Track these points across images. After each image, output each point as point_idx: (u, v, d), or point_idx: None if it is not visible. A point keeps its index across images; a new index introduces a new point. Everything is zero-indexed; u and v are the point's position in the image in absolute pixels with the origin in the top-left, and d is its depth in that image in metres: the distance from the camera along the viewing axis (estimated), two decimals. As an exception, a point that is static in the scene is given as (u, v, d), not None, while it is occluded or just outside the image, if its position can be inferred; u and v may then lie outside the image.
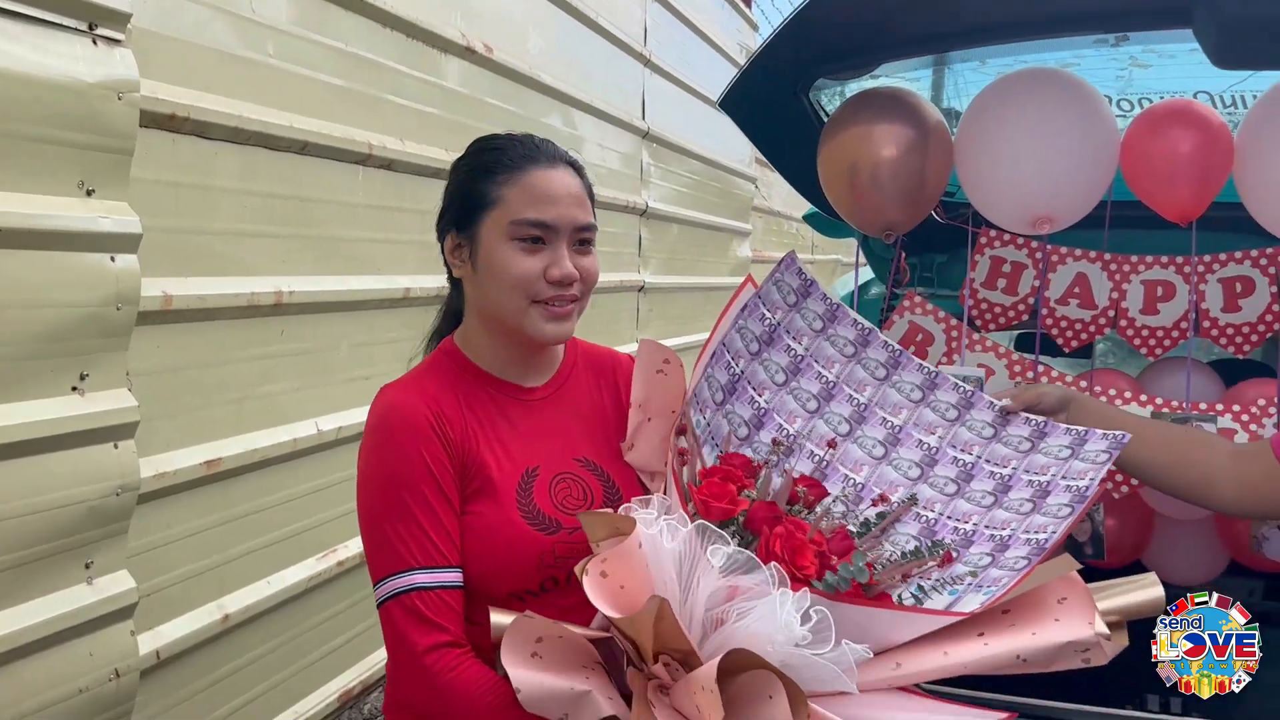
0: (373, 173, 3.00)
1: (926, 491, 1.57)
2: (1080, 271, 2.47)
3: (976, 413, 1.63)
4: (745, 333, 1.60)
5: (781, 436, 1.57)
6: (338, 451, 2.90)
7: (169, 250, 2.27)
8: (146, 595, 2.21)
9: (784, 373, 1.61)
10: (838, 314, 1.65)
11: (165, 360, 2.28)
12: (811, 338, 1.64)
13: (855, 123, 2.14)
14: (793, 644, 1.18)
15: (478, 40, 3.54)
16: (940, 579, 1.45)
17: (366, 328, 3.02)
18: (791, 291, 1.64)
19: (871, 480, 1.58)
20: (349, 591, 3.01)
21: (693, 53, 5.93)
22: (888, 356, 1.65)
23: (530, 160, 1.49)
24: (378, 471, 1.48)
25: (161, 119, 2.21)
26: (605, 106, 4.65)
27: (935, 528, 1.53)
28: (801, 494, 1.47)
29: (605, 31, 4.69)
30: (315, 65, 2.76)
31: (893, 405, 1.63)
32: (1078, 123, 2.06)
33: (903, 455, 1.60)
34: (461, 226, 1.51)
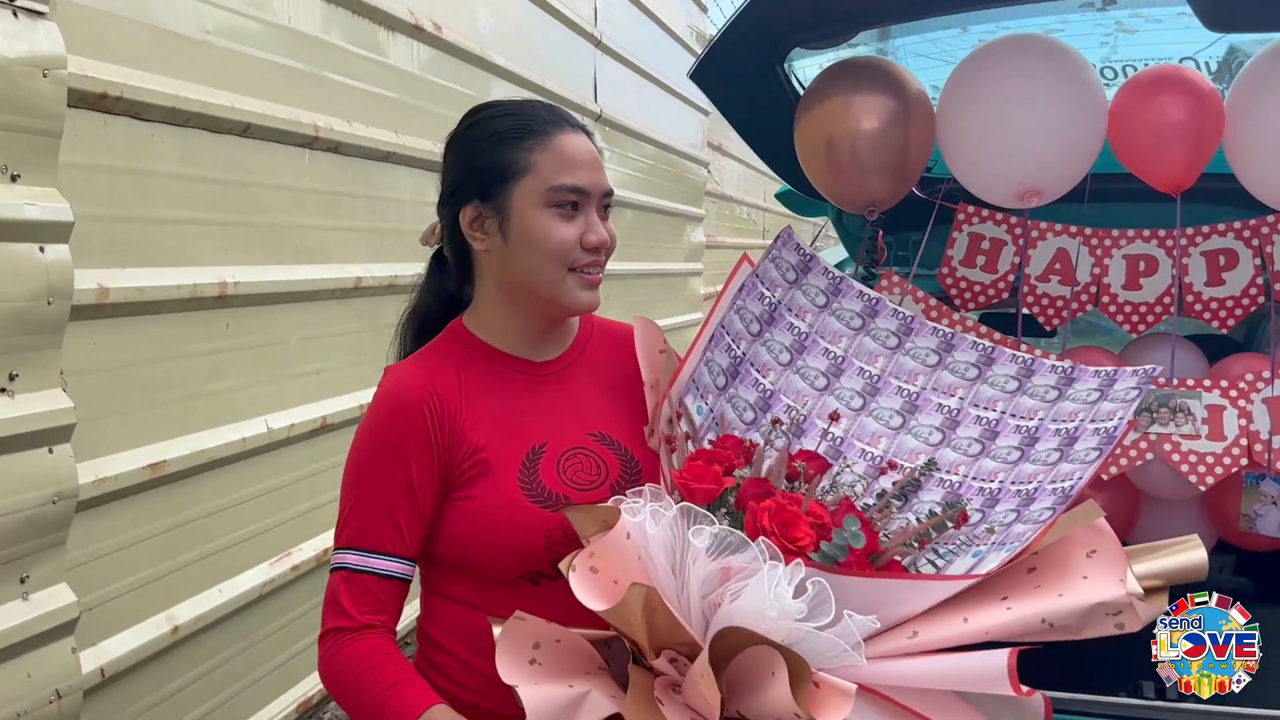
0: (320, 156, 2.86)
1: (949, 455, 1.51)
2: (1061, 247, 2.41)
3: (999, 368, 1.57)
4: (745, 313, 1.54)
5: (786, 416, 1.51)
6: (290, 450, 2.77)
7: (104, 240, 2.13)
8: (89, 609, 2.08)
9: (789, 352, 1.56)
10: (841, 287, 1.60)
11: (103, 357, 2.14)
12: (815, 314, 1.58)
13: (833, 94, 2.05)
14: (790, 619, 1.12)
15: (426, 19, 3.41)
16: (962, 541, 1.38)
17: (317, 319, 2.89)
18: (791, 268, 1.58)
19: (891, 451, 1.52)
20: (306, 596, 2.88)
21: (644, 35, 5.83)
22: (899, 324, 1.60)
23: (556, 125, 1.43)
24: (358, 446, 1.44)
25: (92, 98, 2.07)
26: (557, 89, 4.53)
27: (960, 491, 1.46)
28: (801, 469, 1.40)
29: (556, 11, 4.57)
30: (258, 43, 2.62)
31: (908, 373, 1.58)
32: (1065, 91, 1.98)
33: (922, 422, 1.54)
34: (487, 196, 1.42)
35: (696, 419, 1.45)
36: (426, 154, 3.35)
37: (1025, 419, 1.51)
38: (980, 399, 1.55)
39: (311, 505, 2.88)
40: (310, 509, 2.88)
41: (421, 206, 3.39)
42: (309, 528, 2.87)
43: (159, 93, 2.23)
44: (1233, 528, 2.30)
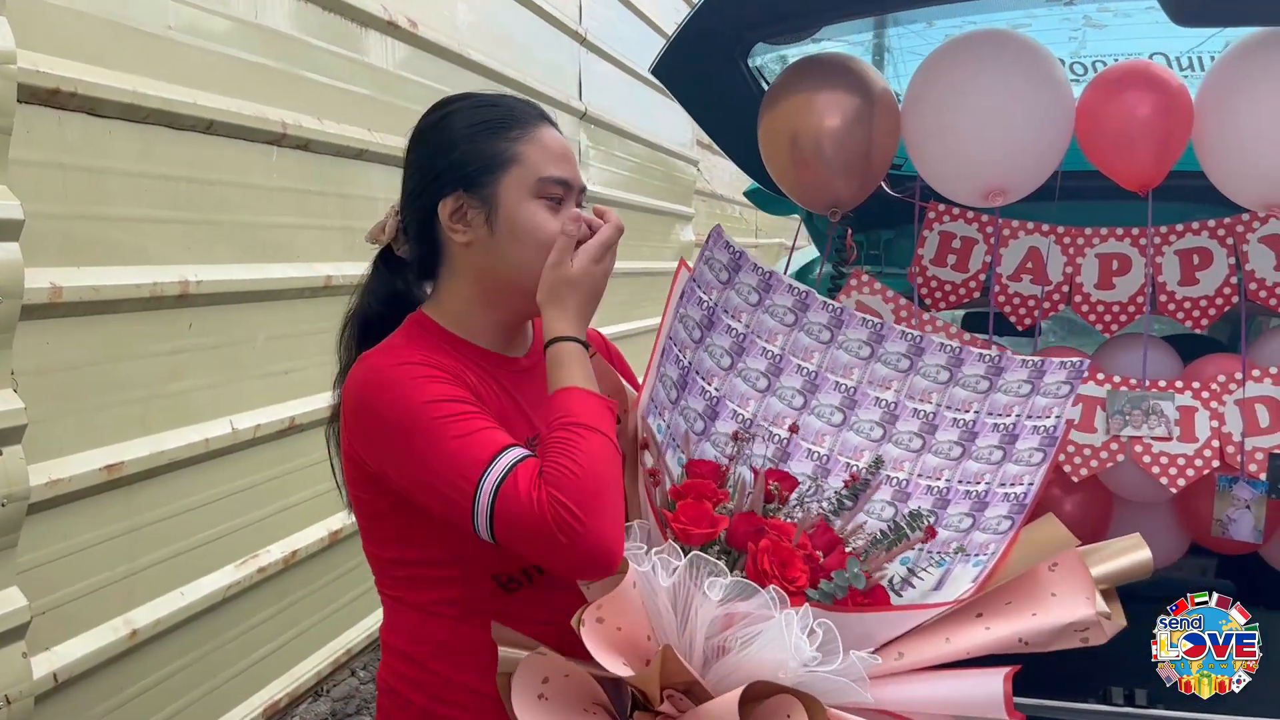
0: (288, 153, 2.83)
1: (892, 451, 1.52)
2: (1033, 246, 2.37)
3: (930, 358, 1.57)
4: (687, 320, 1.50)
5: (738, 424, 1.50)
6: (256, 451, 2.74)
7: (57, 237, 2.10)
8: (41, 613, 2.05)
9: (729, 355, 1.53)
10: (772, 282, 1.56)
11: (56, 358, 2.11)
12: (750, 312, 1.55)
13: (796, 91, 2.00)
14: (803, 665, 1.16)
15: (401, 15, 3.37)
16: (929, 553, 1.42)
17: (285, 319, 2.85)
18: (723, 268, 1.54)
19: (836, 449, 1.52)
20: (273, 599, 2.85)
21: (630, 32, 5.79)
22: (830, 317, 1.57)
23: (539, 118, 1.41)
24: (404, 404, 1.29)
25: (44, 94, 2.04)
26: (540, 86, 4.50)
27: (908, 489, 1.49)
28: (775, 490, 1.41)
29: (538, 8, 4.54)
30: (222, 39, 2.59)
31: (843, 367, 1.57)
32: (1031, 87, 1.94)
33: (862, 417, 1.54)
34: (472, 187, 1.36)
35: (658, 438, 1.42)
36: (401, 151, 3.30)
37: (960, 411, 1.53)
38: (915, 391, 1.55)
39: (280, 507, 2.85)
40: (278, 510, 2.85)
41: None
42: (277, 530, 2.84)
43: (115, 89, 2.20)
44: (1206, 531, 2.26)
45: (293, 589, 2.93)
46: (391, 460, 1.30)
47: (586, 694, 1.26)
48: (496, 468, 1.22)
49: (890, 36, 2.56)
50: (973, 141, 1.96)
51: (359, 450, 1.34)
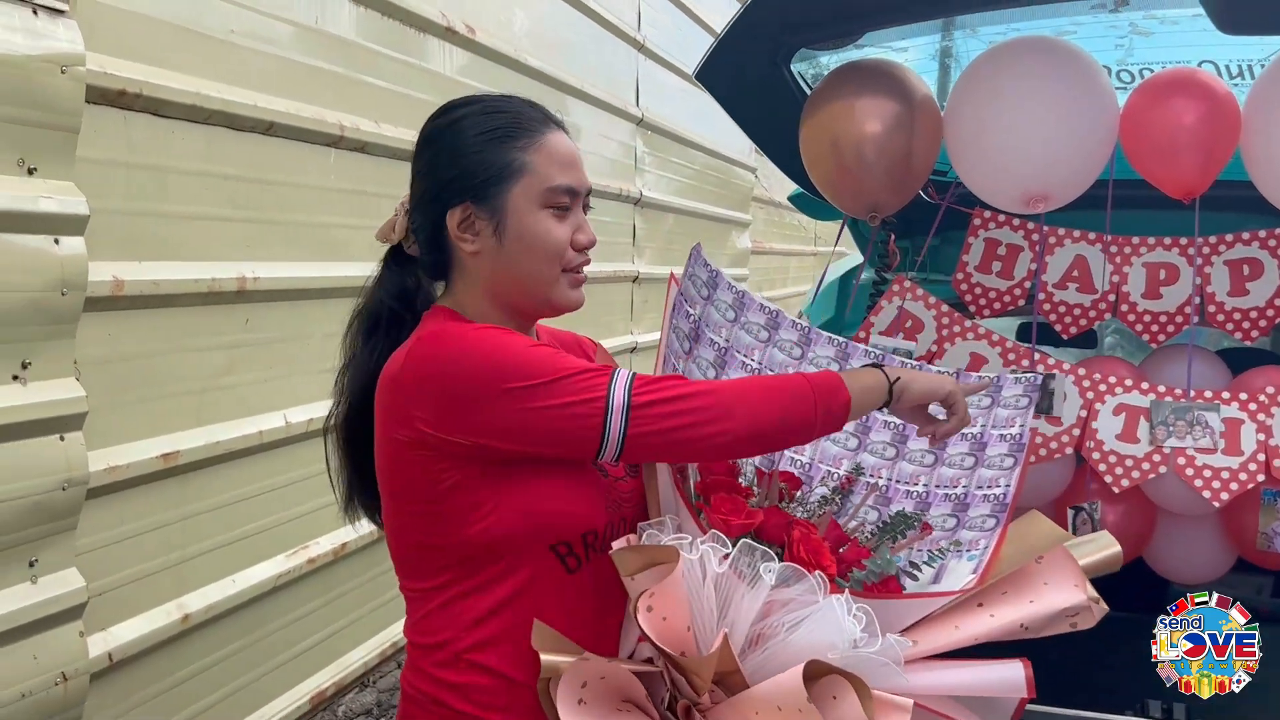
0: (345, 155, 2.90)
1: (869, 459, 1.62)
2: (1079, 254, 2.36)
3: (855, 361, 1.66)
4: (678, 332, 1.56)
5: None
6: (308, 445, 2.79)
7: (120, 233, 2.17)
8: (98, 595, 2.12)
9: (713, 367, 1.60)
10: (745, 301, 1.64)
11: (117, 348, 2.18)
12: (728, 328, 1.62)
13: (838, 96, 2.03)
14: (851, 646, 1.22)
15: (459, 20, 3.43)
16: (922, 550, 1.50)
17: (339, 317, 2.88)
18: (703, 284, 1.60)
19: (816, 458, 1.62)
20: (322, 589, 2.91)
21: (689, 38, 5.81)
22: (799, 335, 1.66)
23: (545, 124, 1.41)
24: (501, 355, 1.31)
25: (111, 95, 2.11)
26: (596, 92, 4.54)
27: (888, 494, 1.60)
28: (783, 490, 1.50)
29: (596, 14, 4.58)
30: (282, 42, 2.66)
31: None
32: (1074, 94, 1.94)
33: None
34: (481, 197, 1.37)
35: None
36: (456, 155, 3.37)
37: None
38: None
39: (330, 500, 2.86)
40: (329, 503, 2.88)
41: (450, 207, 3.42)
42: (327, 522, 2.90)
43: (179, 90, 2.27)
44: (1251, 546, 2.23)
45: (341, 581, 3.00)
46: (498, 416, 1.28)
47: (619, 692, 1.30)
48: (619, 383, 1.29)
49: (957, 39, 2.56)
50: (1014, 147, 1.97)
51: (435, 426, 1.31)
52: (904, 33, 2.27)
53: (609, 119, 4.80)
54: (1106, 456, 2.18)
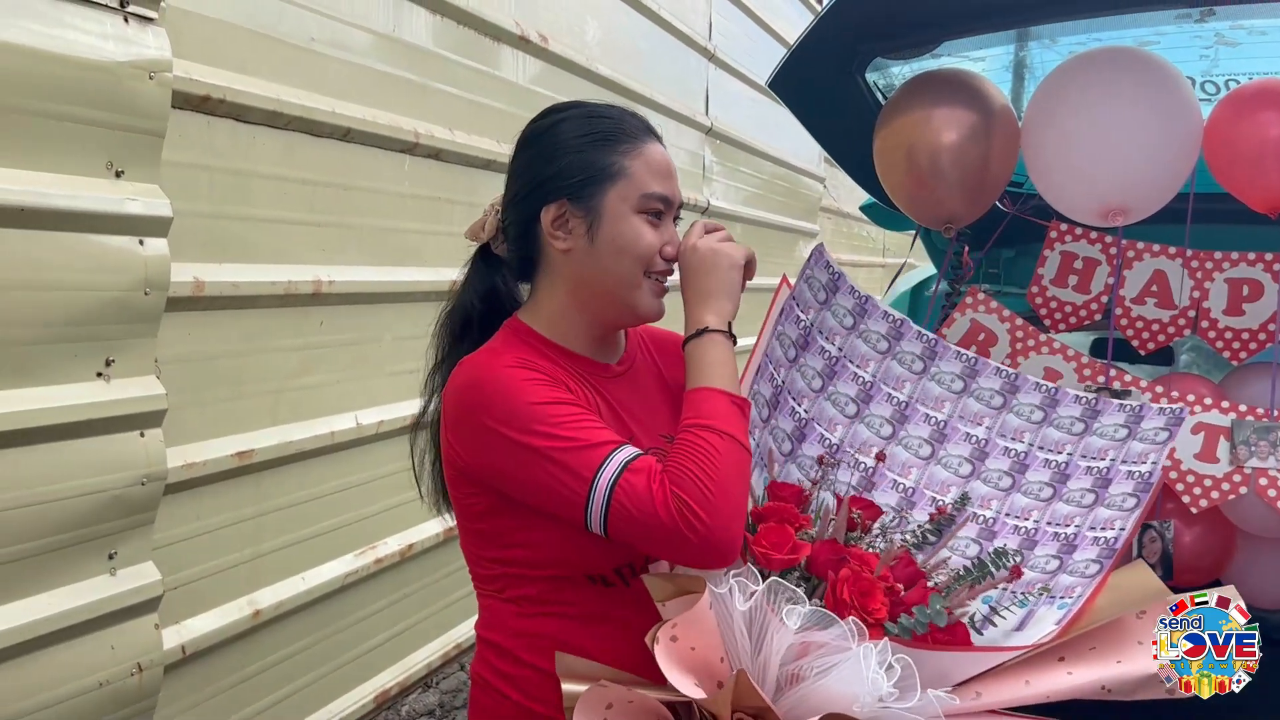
0: (420, 162, 2.94)
1: (980, 489, 1.49)
2: (1158, 269, 2.31)
3: (1024, 396, 1.54)
4: (784, 339, 1.50)
5: (825, 449, 1.49)
6: (378, 446, 2.84)
7: (202, 235, 2.23)
8: (173, 588, 2.17)
9: (820, 377, 1.53)
10: (867, 307, 1.56)
11: (196, 348, 2.23)
12: (844, 336, 1.54)
13: (914, 106, 2.01)
14: (879, 701, 1.14)
15: (533, 30, 3.47)
16: (1012, 593, 1.40)
17: (411, 320, 2.96)
18: (821, 288, 1.54)
19: (922, 482, 1.51)
20: (389, 589, 2.95)
21: (759, 48, 5.80)
22: (923, 348, 1.56)
23: (647, 133, 1.44)
24: (513, 404, 1.32)
25: (195, 100, 2.17)
26: (666, 101, 4.56)
27: (995, 528, 1.47)
28: (857, 518, 1.39)
29: (667, 24, 4.60)
30: (361, 50, 2.71)
31: (934, 399, 1.55)
32: (1156, 105, 1.90)
33: (951, 452, 1.52)
34: (577, 196, 1.40)
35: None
36: (527, 162, 3.40)
37: (1053, 452, 1.50)
38: (1007, 429, 1.53)
39: (398, 501, 2.95)
40: (397, 504, 2.95)
41: (520, 214, 3.45)
42: (395, 523, 2.94)
43: (261, 96, 2.32)
44: (1336, 571, 2.17)
45: (408, 581, 3.03)
46: (501, 459, 1.31)
47: (650, 714, 1.27)
48: (612, 464, 1.26)
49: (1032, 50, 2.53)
50: (1093, 159, 1.94)
51: (460, 452, 1.36)
52: (981, 42, 2.24)
53: (678, 128, 4.81)
54: (1184, 476, 2.13)
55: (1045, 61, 2.20)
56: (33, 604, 1.85)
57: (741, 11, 5.56)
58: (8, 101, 1.73)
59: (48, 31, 1.78)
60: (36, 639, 1.84)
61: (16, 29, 1.73)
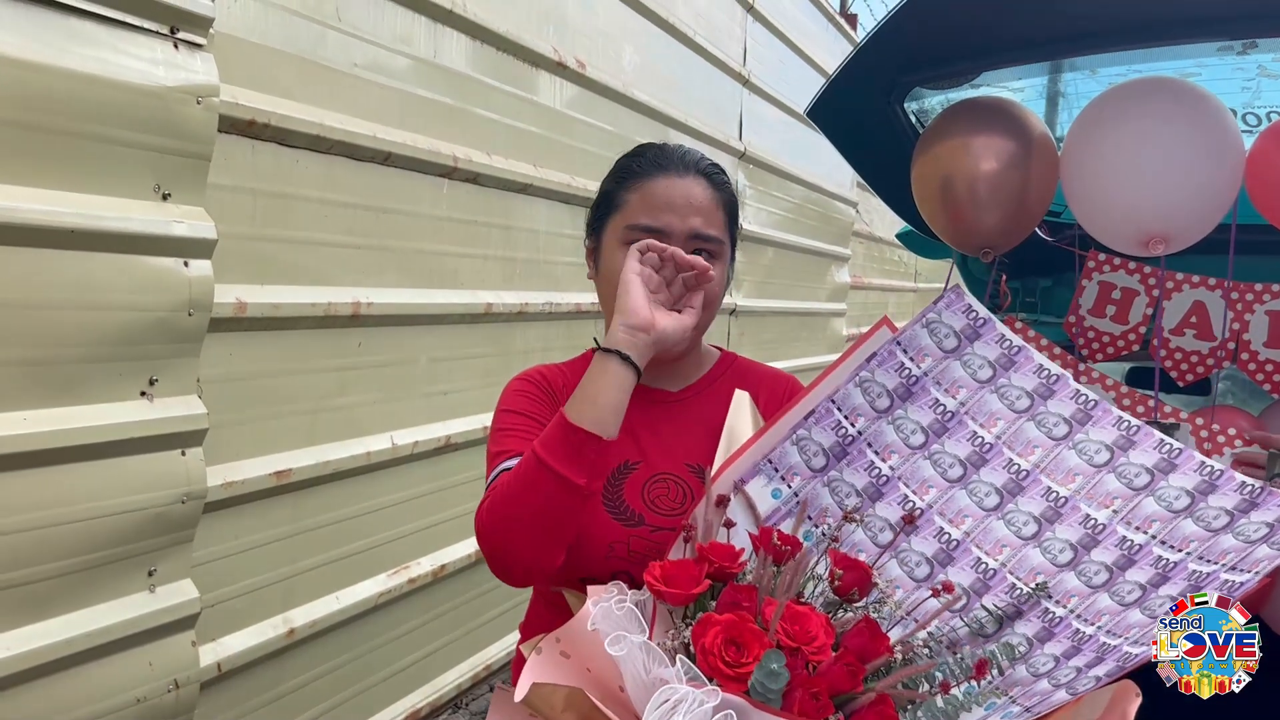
0: (458, 186, 2.97)
1: (1070, 582, 1.26)
2: (1198, 300, 2.30)
3: (1176, 478, 1.29)
4: (871, 386, 1.39)
5: (907, 511, 1.33)
6: (413, 467, 2.86)
7: (244, 257, 2.26)
8: (210, 606, 2.19)
9: (924, 433, 1.37)
10: (1017, 359, 1.39)
11: (237, 368, 2.26)
12: (973, 390, 1.38)
13: (952, 133, 2.01)
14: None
15: (570, 55, 3.50)
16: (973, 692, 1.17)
17: (446, 342, 2.98)
18: (952, 334, 1.41)
19: (1010, 565, 1.29)
20: (421, 610, 2.96)
21: (793, 74, 5.83)
22: (1075, 410, 1.36)
23: (659, 168, 1.46)
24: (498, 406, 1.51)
25: (241, 125, 2.20)
26: (700, 126, 4.58)
27: (1055, 629, 1.23)
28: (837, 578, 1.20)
29: (703, 50, 4.63)
30: (402, 76, 2.74)
31: (1065, 471, 1.34)
32: (1197, 135, 1.89)
33: (1059, 535, 1.30)
34: (593, 231, 1.52)
35: (770, 502, 1.34)
36: (563, 187, 3.43)
37: (1174, 549, 1.27)
38: (1138, 516, 1.30)
39: (431, 521, 2.97)
40: (430, 525, 2.97)
41: (555, 238, 3.47)
42: (428, 544, 2.96)
43: (304, 121, 2.36)
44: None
45: (439, 602, 3.05)
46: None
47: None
48: (492, 476, 1.38)
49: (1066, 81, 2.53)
50: (1133, 187, 1.93)
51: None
52: (1019, 72, 2.24)
53: (712, 153, 4.79)
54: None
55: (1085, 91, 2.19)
56: (74, 619, 1.88)
57: (776, 37, 5.59)
58: (61, 125, 1.77)
59: (101, 57, 1.82)
60: (77, 654, 1.87)
61: (71, 55, 1.77)
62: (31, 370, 1.77)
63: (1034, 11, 1.90)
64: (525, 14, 3.23)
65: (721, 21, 4.85)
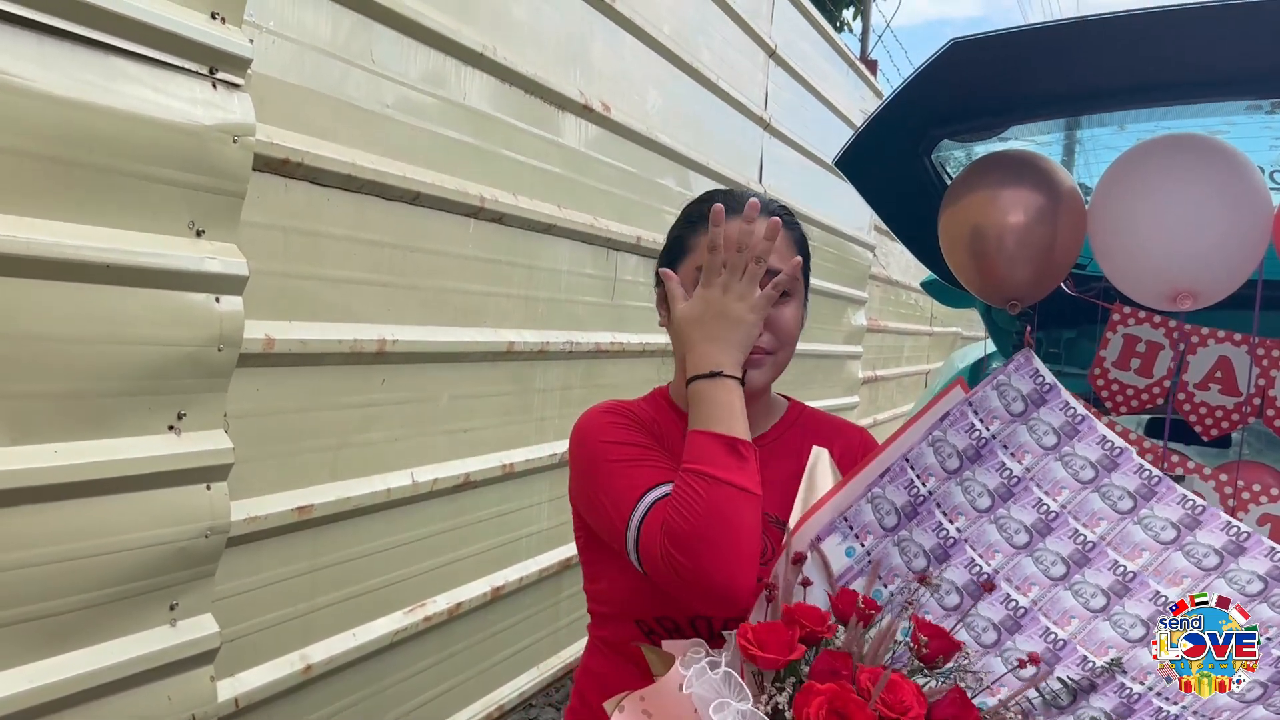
0: (484, 225, 2.99)
1: (1144, 658, 1.25)
2: (1223, 355, 2.29)
3: (1247, 562, 1.30)
4: (943, 446, 1.39)
5: (974, 575, 1.34)
6: (432, 504, 2.87)
7: (274, 293, 2.28)
8: (229, 640, 2.19)
9: (990, 496, 1.38)
10: (1081, 428, 1.41)
11: (263, 403, 2.28)
12: (1038, 456, 1.40)
13: (981, 186, 2.02)
14: None
15: (596, 99, 3.53)
16: None
17: (469, 380, 3.00)
18: (1020, 398, 1.43)
19: (1080, 636, 1.29)
20: (436, 648, 2.95)
21: (814, 118, 5.87)
22: (1139, 484, 1.38)
23: (731, 211, 1.46)
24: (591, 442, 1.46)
25: (275, 163, 2.23)
26: (721, 169, 4.61)
27: (1136, 706, 1.23)
28: (923, 646, 1.21)
29: (725, 94, 4.67)
30: (433, 118, 2.77)
31: (1132, 546, 1.35)
32: (1225, 191, 1.90)
33: (1129, 609, 1.31)
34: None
35: (843, 561, 1.33)
36: (586, 227, 3.46)
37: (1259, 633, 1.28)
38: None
39: (449, 559, 2.97)
40: (447, 562, 2.97)
41: (578, 277, 3.49)
42: (444, 581, 2.96)
43: (336, 160, 2.39)
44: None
45: (454, 641, 3.04)
46: (581, 494, 1.46)
47: None
48: (642, 505, 1.33)
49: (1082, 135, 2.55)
50: (1161, 242, 1.93)
51: (570, 488, 1.51)
52: (1048, 126, 2.26)
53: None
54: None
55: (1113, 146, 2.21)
56: (96, 652, 1.88)
57: (797, 82, 5.63)
58: (101, 162, 1.79)
59: (142, 96, 1.84)
60: (98, 687, 1.87)
61: (113, 94, 1.80)
62: (64, 403, 1.78)
63: (1063, 69, 1.92)
64: (552, 57, 3.27)
65: (744, 66, 4.90)
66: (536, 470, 3.30)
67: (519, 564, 3.31)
